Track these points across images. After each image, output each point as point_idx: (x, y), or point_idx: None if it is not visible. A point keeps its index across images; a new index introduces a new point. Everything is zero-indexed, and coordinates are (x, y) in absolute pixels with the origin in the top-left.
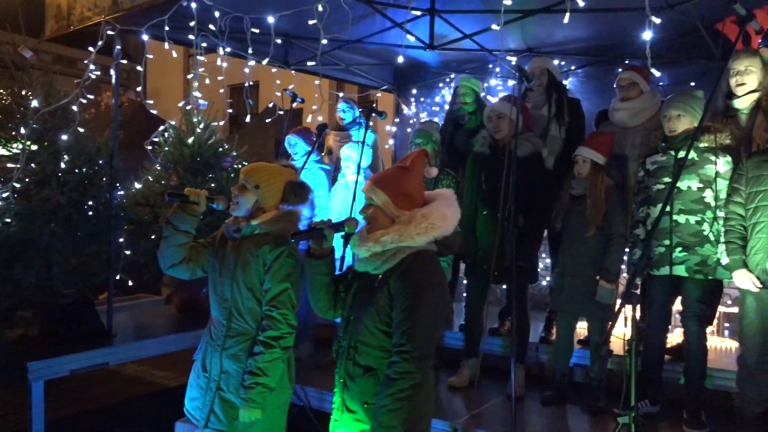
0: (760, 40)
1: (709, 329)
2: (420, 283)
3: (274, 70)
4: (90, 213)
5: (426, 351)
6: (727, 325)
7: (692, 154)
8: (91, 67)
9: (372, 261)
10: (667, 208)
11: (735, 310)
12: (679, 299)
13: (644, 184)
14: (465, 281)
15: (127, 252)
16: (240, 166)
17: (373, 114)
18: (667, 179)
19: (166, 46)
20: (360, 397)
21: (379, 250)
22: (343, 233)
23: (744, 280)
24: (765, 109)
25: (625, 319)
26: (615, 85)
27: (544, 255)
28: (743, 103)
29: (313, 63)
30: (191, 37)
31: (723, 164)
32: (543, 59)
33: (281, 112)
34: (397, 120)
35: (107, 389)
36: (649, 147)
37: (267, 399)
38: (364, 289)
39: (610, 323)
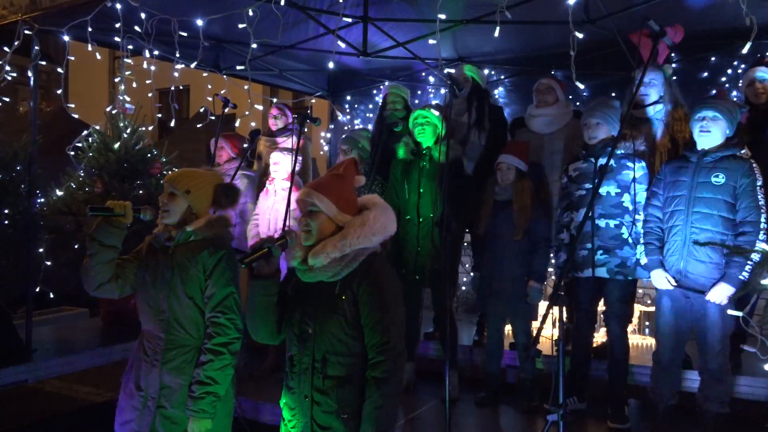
0: (672, 55)
1: (630, 328)
2: (386, 281)
3: (205, 74)
4: (6, 221)
5: (402, 346)
6: (647, 323)
7: (610, 161)
8: (7, 68)
9: (330, 268)
10: (589, 213)
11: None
12: (602, 300)
13: (567, 190)
14: None
15: (48, 263)
16: (169, 172)
17: (308, 120)
18: (588, 185)
19: (89, 47)
20: (338, 410)
21: (338, 256)
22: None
23: (660, 279)
24: (666, 122)
25: (553, 320)
26: (534, 91)
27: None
28: (646, 113)
29: (244, 67)
30: (116, 39)
31: (639, 170)
32: (469, 67)
33: (213, 117)
34: (331, 126)
35: (27, 408)
36: (571, 154)
37: (216, 408)
38: (320, 300)
39: (537, 324)
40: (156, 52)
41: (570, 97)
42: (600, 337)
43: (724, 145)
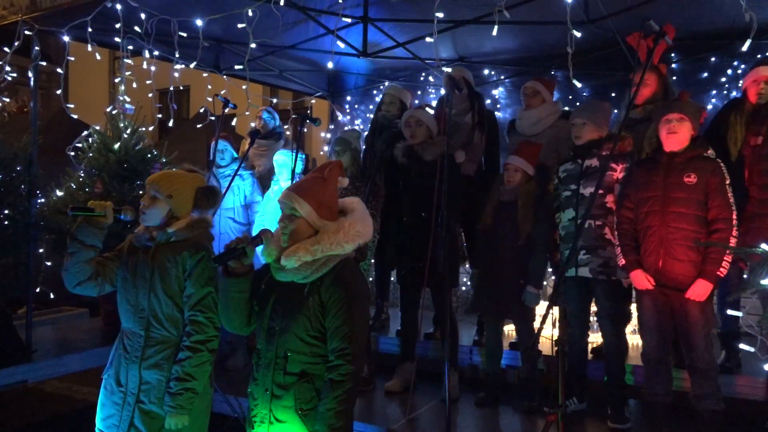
0: (672, 55)
1: (629, 328)
2: (353, 289)
3: (205, 74)
4: (6, 222)
5: (362, 352)
6: None
7: (594, 162)
8: (7, 68)
9: (301, 270)
10: (573, 213)
11: None
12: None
13: (557, 191)
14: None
15: (48, 263)
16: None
17: (308, 120)
18: (573, 186)
19: (89, 48)
20: (295, 405)
21: (310, 259)
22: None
23: (640, 279)
24: (655, 119)
25: (553, 320)
26: (521, 93)
27: None
28: (640, 113)
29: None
30: (117, 39)
31: (622, 171)
32: (461, 69)
33: (213, 118)
34: (331, 126)
35: (27, 408)
36: (561, 156)
37: (193, 404)
38: (288, 299)
39: (537, 325)
40: (156, 53)
41: (570, 98)
42: (600, 337)
43: (692, 146)
